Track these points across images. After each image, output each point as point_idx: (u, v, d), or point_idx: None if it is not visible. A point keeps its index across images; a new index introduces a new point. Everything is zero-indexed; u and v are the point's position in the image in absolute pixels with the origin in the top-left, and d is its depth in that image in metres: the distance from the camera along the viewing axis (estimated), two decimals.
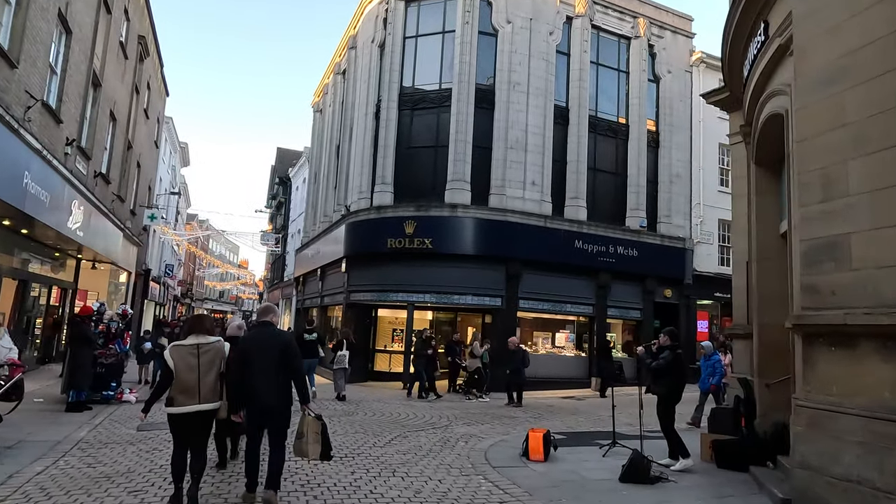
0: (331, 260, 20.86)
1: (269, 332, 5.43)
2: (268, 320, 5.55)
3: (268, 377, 5.11)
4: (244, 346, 5.33)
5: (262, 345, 5.24)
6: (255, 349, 5.22)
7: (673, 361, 7.29)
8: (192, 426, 5.07)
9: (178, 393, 5.02)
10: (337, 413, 11.29)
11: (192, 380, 5.04)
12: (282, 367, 5.19)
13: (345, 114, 22.30)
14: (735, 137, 9.16)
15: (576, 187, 18.45)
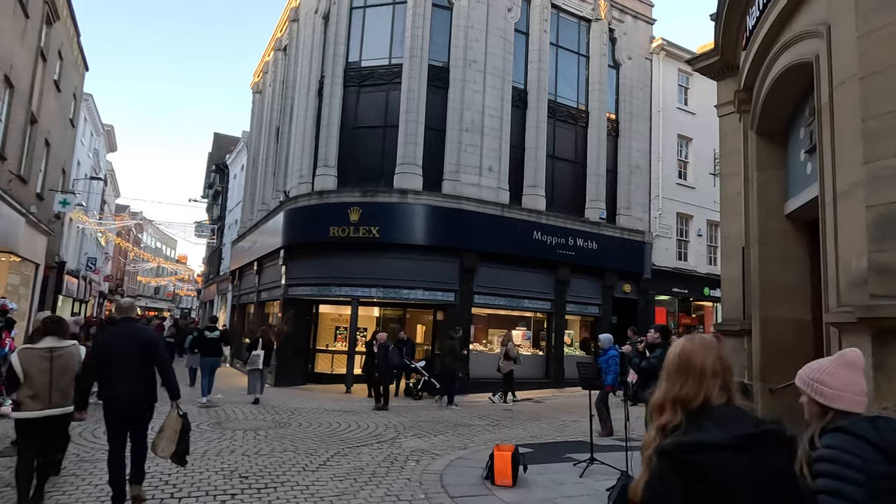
0: (268, 251, 19.02)
1: (131, 329, 5.17)
2: (129, 317, 5.25)
3: (131, 376, 4.92)
4: (104, 345, 5.14)
5: (124, 342, 5.02)
6: (116, 347, 5.01)
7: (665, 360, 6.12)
8: (41, 432, 4.99)
9: (27, 397, 4.87)
10: (265, 425, 9.65)
11: (43, 384, 4.92)
12: (146, 365, 5.03)
13: (285, 93, 20.44)
14: (726, 108, 8.11)
15: (534, 175, 17.32)
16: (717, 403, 1.63)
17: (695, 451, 1.49)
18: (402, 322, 17.73)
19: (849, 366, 2.02)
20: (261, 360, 12.51)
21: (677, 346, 1.80)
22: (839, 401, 1.96)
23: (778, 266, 6.51)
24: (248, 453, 7.43)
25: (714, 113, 22.31)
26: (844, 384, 1.98)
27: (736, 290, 7.63)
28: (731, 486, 1.47)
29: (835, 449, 1.81)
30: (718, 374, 1.67)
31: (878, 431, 1.83)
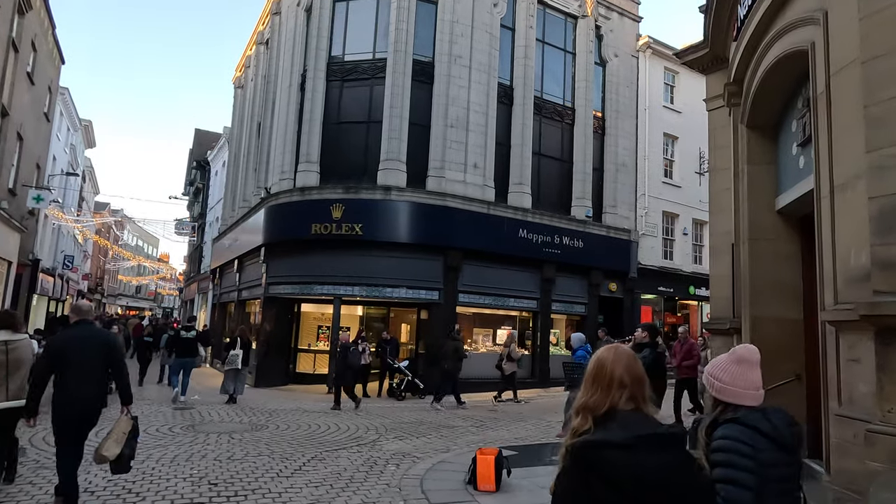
0: (249, 249, 18.62)
1: (88, 332, 4.98)
2: (86, 319, 5.05)
3: (89, 380, 4.80)
4: (59, 347, 4.87)
5: (81, 345, 4.83)
6: (73, 350, 4.79)
7: (654, 362, 5.92)
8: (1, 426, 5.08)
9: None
10: (241, 428, 9.31)
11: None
12: (103, 368, 4.93)
13: (267, 87, 20.03)
14: (715, 102, 7.93)
15: (520, 172, 17.10)
16: (625, 409, 1.73)
17: (592, 449, 1.63)
18: (386, 321, 17.43)
19: (739, 362, 2.15)
20: (239, 359, 12.23)
21: (594, 357, 1.89)
22: (728, 394, 2.09)
23: (769, 263, 6.34)
24: (221, 458, 7.10)
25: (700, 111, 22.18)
26: (734, 379, 2.10)
27: (725, 287, 7.45)
28: (622, 480, 1.59)
29: (728, 439, 1.94)
30: (626, 385, 1.76)
31: (769, 421, 1.98)
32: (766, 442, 1.96)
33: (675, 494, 1.64)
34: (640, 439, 1.64)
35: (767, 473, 1.92)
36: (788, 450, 1.99)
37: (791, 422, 2.06)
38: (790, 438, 2.01)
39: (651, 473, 1.61)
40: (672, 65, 21.62)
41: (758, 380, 2.12)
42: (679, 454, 1.71)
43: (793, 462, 2.03)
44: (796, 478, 2.06)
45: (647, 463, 1.61)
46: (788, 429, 2.03)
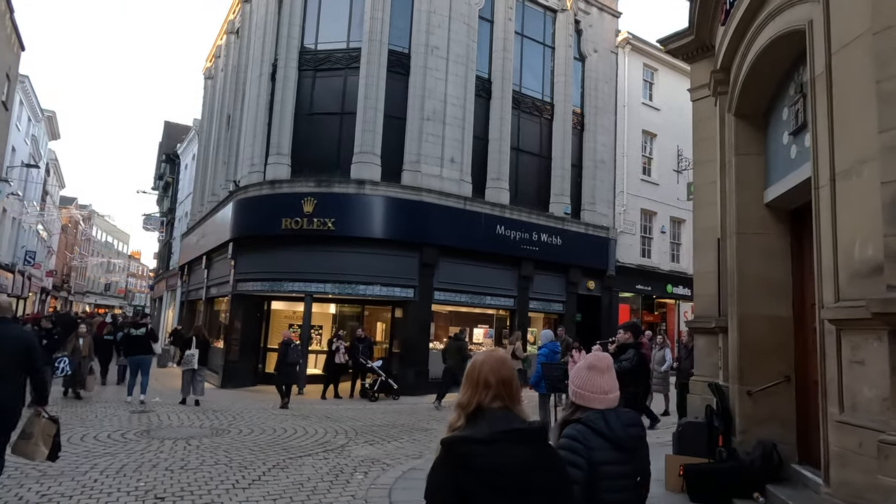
0: (217, 245, 17.93)
1: (7, 330, 4.68)
2: (5, 317, 4.78)
3: (5, 379, 4.52)
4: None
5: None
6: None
7: (638, 364, 5.57)
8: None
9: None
10: (200, 433, 8.75)
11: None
12: (20, 369, 4.65)
13: (238, 77, 19.32)
14: (699, 91, 7.64)
15: (498, 168, 16.72)
16: (492, 407, 1.87)
17: (457, 444, 1.78)
18: (361, 319, 16.92)
19: (590, 368, 2.32)
20: (195, 359, 11.67)
21: (471, 361, 2.01)
22: (581, 398, 2.26)
23: (757, 259, 6.03)
24: (173, 467, 6.56)
25: (679, 109, 22.05)
26: (585, 384, 2.27)
27: (710, 285, 7.16)
28: (485, 472, 1.73)
29: (566, 438, 2.13)
30: (490, 386, 1.89)
31: (606, 423, 2.16)
32: (600, 441, 2.13)
33: (534, 485, 1.78)
34: (502, 434, 1.79)
35: (601, 471, 2.09)
36: (624, 449, 2.17)
37: (629, 423, 2.23)
38: (626, 439, 2.18)
39: (511, 465, 1.76)
40: (651, 61, 21.50)
41: (606, 385, 2.28)
42: (539, 448, 1.85)
43: (629, 461, 2.19)
44: (635, 476, 2.22)
45: (507, 456, 1.76)
46: (625, 430, 2.19)
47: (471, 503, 1.72)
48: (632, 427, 2.25)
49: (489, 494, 1.72)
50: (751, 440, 5.78)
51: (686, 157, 21.73)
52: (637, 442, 2.25)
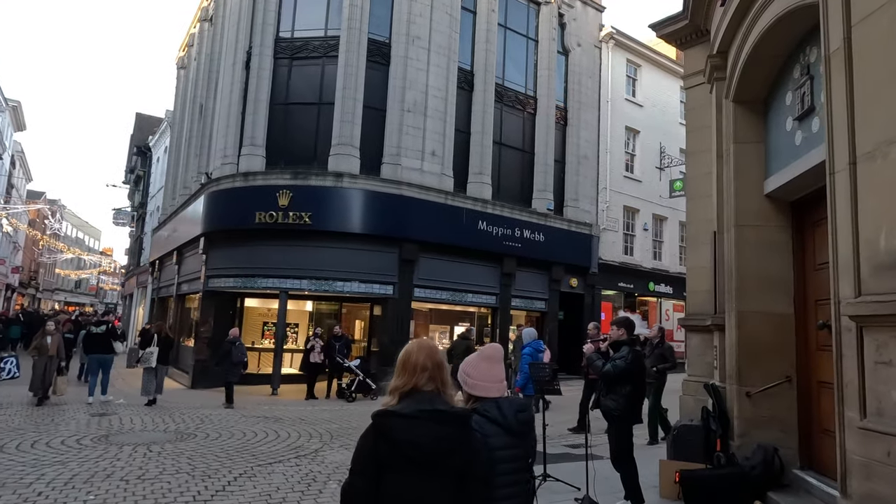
0: (188, 239, 17.24)
1: None
2: None
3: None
4: None
5: None
6: None
7: (633, 362, 5.21)
8: None
9: None
10: (163, 437, 8.19)
11: None
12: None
13: (211, 66, 18.61)
14: (694, 79, 7.31)
15: (480, 162, 16.33)
16: (425, 390, 2.11)
17: (381, 416, 2.03)
18: (339, 317, 16.43)
19: (487, 359, 2.44)
20: (154, 357, 11.15)
21: (405, 347, 2.22)
22: (476, 389, 2.38)
23: (756, 252, 5.71)
24: (129, 478, 6.03)
25: (662, 106, 21.96)
26: (482, 375, 2.39)
27: (704, 280, 6.84)
28: (400, 443, 1.96)
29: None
30: (427, 369, 2.12)
31: (499, 410, 2.31)
32: (495, 428, 2.27)
33: (445, 462, 1.98)
34: (422, 412, 1.99)
35: (496, 455, 2.22)
36: (516, 434, 2.32)
37: (520, 409, 2.38)
38: (517, 425, 2.33)
39: (425, 440, 1.95)
40: (635, 57, 21.31)
41: (500, 374, 2.43)
42: (457, 430, 2.03)
43: (520, 445, 2.35)
44: (525, 458, 2.39)
45: (423, 432, 1.96)
46: (516, 416, 2.33)
47: (387, 470, 1.96)
48: (521, 413, 2.39)
49: (402, 464, 1.95)
50: (750, 444, 5.46)
51: (669, 154, 21.61)
52: (527, 427, 2.40)
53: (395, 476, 1.95)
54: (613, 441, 5.29)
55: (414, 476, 1.95)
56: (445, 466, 1.98)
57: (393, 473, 1.95)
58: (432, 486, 1.96)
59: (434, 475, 1.97)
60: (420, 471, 1.96)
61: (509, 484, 2.28)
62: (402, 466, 1.95)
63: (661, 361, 8.67)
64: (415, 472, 1.96)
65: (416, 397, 2.07)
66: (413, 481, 1.95)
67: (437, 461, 1.96)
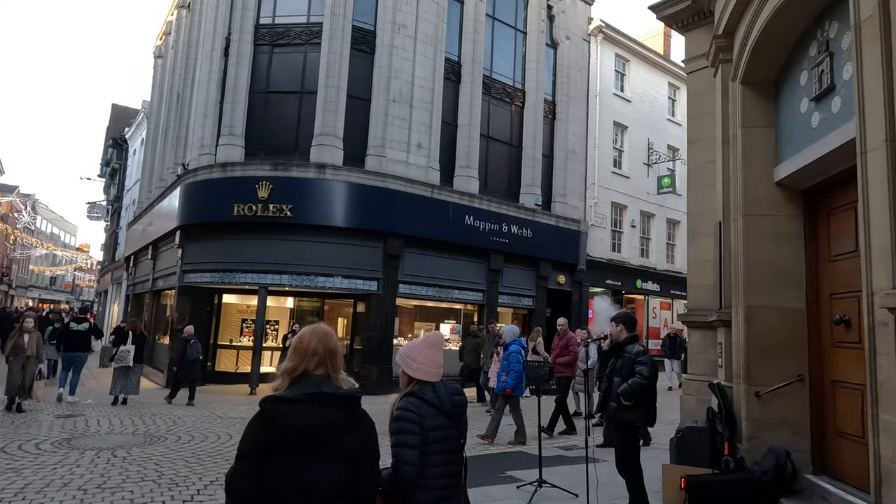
0: (164, 233, 16.60)
1: None
2: None
3: None
4: None
5: None
6: None
7: (655, 368, 4.83)
8: None
9: None
10: (131, 441, 7.66)
11: None
12: None
13: (189, 54, 17.97)
14: (696, 63, 6.95)
15: (467, 155, 15.92)
16: (315, 374, 2.15)
17: (266, 402, 2.08)
18: (321, 314, 15.91)
19: (432, 346, 2.63)
20: (130, 356, 10.59)
21: (299, 333, 2.27)
22: (419, 372, 2.55)
23: (766, 243, 5.37)
24: (88, 487, 5.52)
25: (650, 102, 21.75)
26: (427, 360, 2.57)
27: (706, 274, 6.50)
28: (282, 426, 2.02)
29: (401, 410, 2.45)
30: (318, 354, 2.16)
31: (435, 393, 2.50)
32: (431, 410, 2.45)
33: (330, 444, 2.05)
34: (306, 396, 2.07)
35: (431, 436, 2.40)
36: (450, 416, 2.49)
37: (454, 393, 2.54)
38: (452, 408, 2.50)
39: (310, 424, 2.03)
40: (623, 52, 21.06)
41: (441, 360, 2.60)
42: (345, 412, 2.12)
43: (453, 426, 2.50)
44: (458, 439, 2.52)
45: (307, 415, 2.04)
46: (451, 399, 2.51)
47: (274, 454, 2.00)
48: (456, 396, 2.55)
49: (285, 448, 2.00)
50: (759, 447, 5.12)
51: (657, 151, 21.42)
52: (460, 409, 2.56)
53: (282, 459, 2.00)
54: (620, 445, 4.91)
55: (302, 458, 2.00)
56: (336, 448, 2.04)
57: (280, 457, 2.00)
58: (322, 467, 2.02)
59: (324, 457, 2.02)
60: (308, 453, 2.01)
61: (443, 463, 2.43)
62: (289, 449, 2.00)
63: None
64: (302, 454, 2.01)
65: (305, 381, 2.12)
66: (300, 463, 2.00)
67: (325, 443, 2.03)
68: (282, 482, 1.99)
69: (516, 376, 8.06)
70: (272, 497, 1.99)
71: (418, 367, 2.55)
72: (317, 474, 2.00)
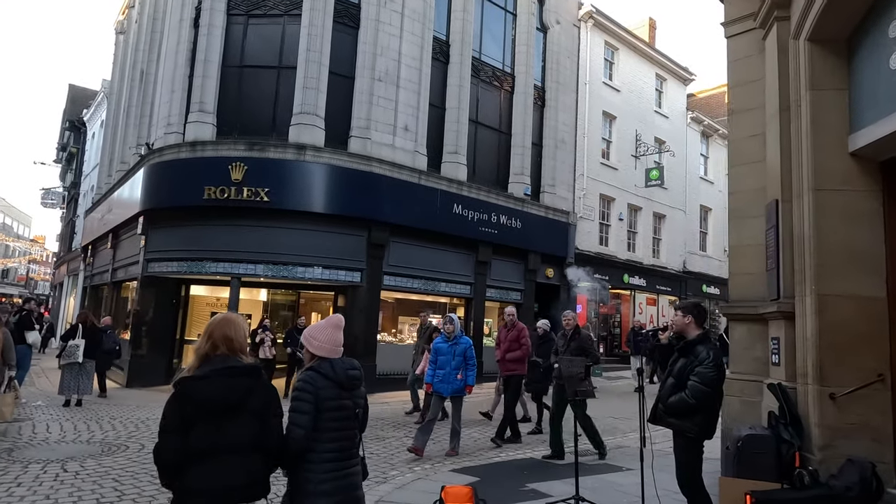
0: (125, 219, 15.29)
1: None
2: None
3: None
4: None
5: None
6: None
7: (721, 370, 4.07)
8: None
9: None
10: (86, 451, 6.59)
11: None
12: None
13: (154, 27, 16.62)
14: (738, 25, 6.20)
15: (455, 140, 15.06)
16: (221, 354, 2.56)
17: (180, 382, 2.50)
18: (296, 308, 14.89)
19: (332, 326, 2.97)
20: (80, 351, 9.47)
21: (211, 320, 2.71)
22: (320, 350, 2.88)
23: (840, 223, 4.68)
24: None
25: (638, 92, 21.17)
26: (326, 338, 2.90)
27: (751, 260, 5.79)
28: (197, 401, 2.43)
29: (300, 381, 2.79)
30: (223, 338, 2.58)
31: (333, 368, 2.84)
32: (326, 382, 2.79)
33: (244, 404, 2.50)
34: (215, 372, 2.49)
35: (326, 404, 2.75)
36: (345, 388, 2.84)
37: (349, 367, 2.90)
38: (346, 380, 2.85)
39: (220, 393, 2.45)
40: (613, 40, 20.49)
41: (341, 340, 2.97)
42: (250, 378, 2.57)
43: (348, 397, 2.85)
44: (353, 409, 2.87)
45: (217, 386, 2.46)
46: (346, 373, 2.86)
47: (192, 427, 2.39)
48: (351, 370, 2.90)
49: (203, 417, 2.41)
50: (835, 458, 4.42)
51: (645, 143, 20.93)
52: (354, 382, 2.90)
53: (202, 426, 2.40)
54: (680, 459, 4.14)
55: (218, 423, 2.43)
56: (245, 409, 2.50)
57: (200, 425, 2.40)
58: (236, 427, 2.46)
59: (236, 418, 2.47)
60: (223, 417, 2.44)
61: (337, 428, 2.77)
62: (206, 417, 2.42)
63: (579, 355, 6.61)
64: (218, 419, 2.43)
65: (213, 360, 2.55)
66: (218, 427, 2.43)
67: (236, 407, 2.48)
68: (204, 446, 2.37)
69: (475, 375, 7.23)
70: (197, 460, 2.36)
71: (319, 345, 2.87)
72: (232, 434, 2.43)
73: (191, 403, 2.38)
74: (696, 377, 3.92)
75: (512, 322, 8.67)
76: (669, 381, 4.07)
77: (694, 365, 3.97)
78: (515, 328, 8.55)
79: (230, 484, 2.39)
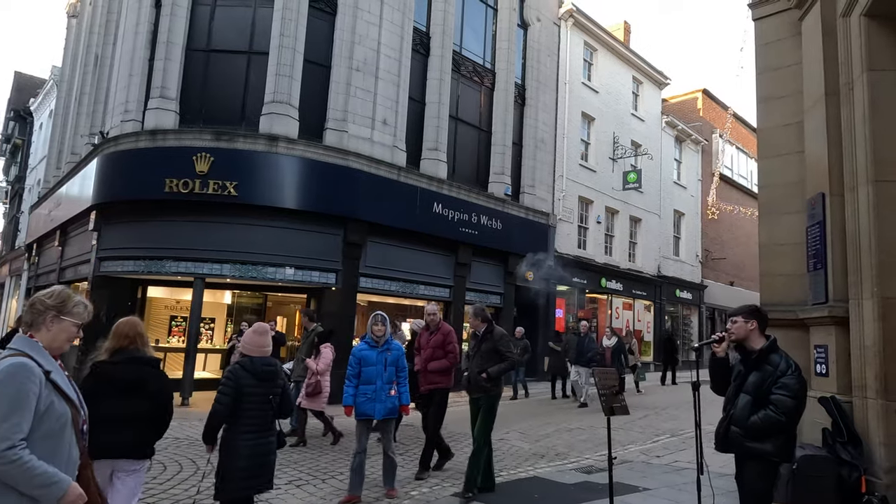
0: (75, 214, 14.06)
1: None
2: None
3: None
4: None
5: None
6: None
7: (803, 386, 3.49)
8: None
9: None
10: None
11: None
12: None
13: (111, 8, 15.44)
14: (768, 6, 5.73)
15: (436, 136, 14.41)
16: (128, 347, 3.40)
17: (96, 365, 3.36)
18: (262, 312, 13.93)
19: (256, 332, 4.03)
20: None
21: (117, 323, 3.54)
22: (245, 350, 3.96)
23: None
24: None
25: (616, 94, 20.87)
26: (250, 341, 3.97)
27: (787, 260, 5.30)
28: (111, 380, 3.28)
29: (228, 372, 3.90)
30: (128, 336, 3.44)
31: (253, 363, 3.84)
32: (246, 374, 3.77)
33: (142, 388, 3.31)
34: (124, 359, 3.35)
35: (245, 391, 3.73)
36: (261, 379, 3.80)
37: (266, 364, 3.88)
38: (262, 373, 3.81)
39: (127, 376, 3.31)
40: (592, 40, 20.22)
41: (265, 343, 3.98)
42: (150, 368, 3.44)
43: (264, 388, 3.81)
44: (266, 395, 3.81)
45: (123, 371, 3.32)
46: (262, 367, 3.83)
47: (100, 399, 3.03)
48: (266, 366, 3.86)
49: (111, 392, 3.22)
50: None
51: (622, 145, 20.70)
52: (269, 375, 3.85)
53: (111, 399, 3.19)
54: (750, 486, 3.54)
55: (123, 398, 3.25)
56: (144, 390, 3.32)
57: (107, 399, 3.15)
58: (136, 402, 3.29)
59: (137, 396, 3.29)
60: (127, 394, 3.27)
61: (253, 409, 3.77)
62: (112, 394, 3.22)
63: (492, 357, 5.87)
64: (121, 396, 3.25)
65: (121, 353, 3.37)
66: (124, 402, 3.25)
67: (138, 387, 3.31)
68: (111, 414, 3.13)
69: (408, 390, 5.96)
70: (105, 423, 2.98)
71: (245, 346, 3.98)
72: (132, 407, 3.27)
73: (105, 381, 3.27)
74: (782, 390, 3.34)
75: (436, 323, 6.83)
76: (744, 398, 3.47)
77: (776, 376, 3.39)
78: (440, 331, 6.72)
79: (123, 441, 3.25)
